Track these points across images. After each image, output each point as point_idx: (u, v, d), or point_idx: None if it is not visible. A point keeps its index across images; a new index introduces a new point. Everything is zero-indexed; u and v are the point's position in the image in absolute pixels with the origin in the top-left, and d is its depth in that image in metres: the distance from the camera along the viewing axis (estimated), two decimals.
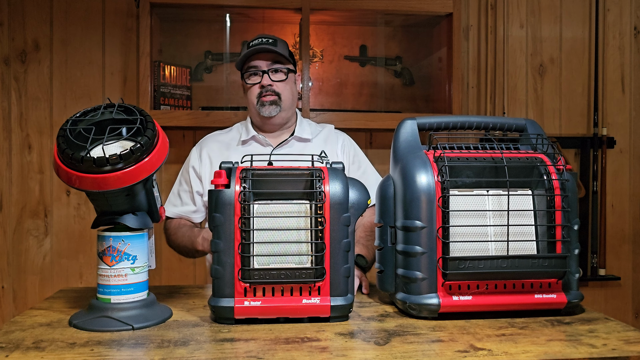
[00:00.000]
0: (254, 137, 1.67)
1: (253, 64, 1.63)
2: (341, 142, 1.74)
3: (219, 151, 1.67)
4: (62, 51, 2.33)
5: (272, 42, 1.62)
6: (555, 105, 2.61)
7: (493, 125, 1.15)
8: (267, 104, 1.61)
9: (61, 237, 2.35)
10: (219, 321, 0.99)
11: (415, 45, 2.59)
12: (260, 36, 1.64)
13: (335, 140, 1.74)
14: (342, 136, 1.77)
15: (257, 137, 1.67)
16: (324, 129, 1.77)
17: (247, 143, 1.68)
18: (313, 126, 1.77)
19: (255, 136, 1.67)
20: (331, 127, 1.79)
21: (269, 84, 1.61)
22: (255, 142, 1.68)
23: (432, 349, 0.84)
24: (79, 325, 0.95)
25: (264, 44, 1.61)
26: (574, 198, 1.04)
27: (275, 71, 1.63)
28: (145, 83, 2.19)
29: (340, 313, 0.99)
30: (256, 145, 1.68)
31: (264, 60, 1.62)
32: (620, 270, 2.65)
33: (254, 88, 1.63)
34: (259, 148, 1.67)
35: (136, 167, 0.91)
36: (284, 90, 1.63)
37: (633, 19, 2.65)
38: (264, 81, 1.61)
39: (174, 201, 1.68)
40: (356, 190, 1.03)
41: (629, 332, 0.93)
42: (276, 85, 1.62)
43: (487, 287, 1.01)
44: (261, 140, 1.67)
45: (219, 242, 0.97)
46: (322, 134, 1.74)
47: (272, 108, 1.62)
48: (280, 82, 1.63)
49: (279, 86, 1.63)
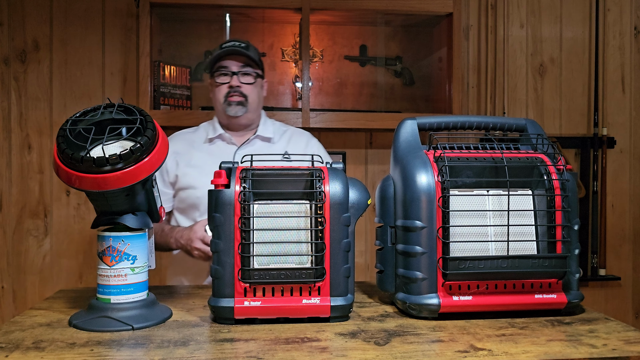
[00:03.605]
0: (221, 135, 1.74)
1: (224, 64, 1.70)
2: (305, 142, 1.80)
3: (184, 149, 1.73)
4: (61, 51, 2.33)
5: (245, 46, 1.70)
6: (555, 105, 2.61)
7: (493, 125, 1.15)
8: (233, 103, 1.68)
9: (61, 237, 2.35)
10: (219, 321, 0.98)
11: (415, 45, 2.59)
12: (234, 39, 1.71)
13: (300, 140, 1.80)
14: (306, 136, 1.83)
15: (223, 136, 1.74)
16: (288, 129, 1.84)
17: (213, 141, 1.74)
18: (277, 126, 1.83)
19: (222, 134, 1.74)
20: (297, 129, 1.86)
21: (237, 85, 1.68)
22: (221, 141, 1.75)
23: (432, 349, 0.84)
24: (79, 325, 0.95)
25: (236, 46, 1.68)
26: (574, 198, 1.04)
27: (245, 74, 1.70)
28: (145, 83, 2.19)
29: (340, 313, 0.98)
30: (221, 144, 1.74)
31: (235, 61, 1.70)
32: (621, 270, 2.65)
33: (222, 87, 1.70)
34: (223, 146, 1.73)
35: (136, 167, 0.91)
36: (251, 93, 1.70)
37: (633, 19, 2.65)
38: (232, 82, 1.68)
39: None
40: (356, 190, 1.03)
41: (629, 332, 0.93)
42: (244, 87, 1.69)
43: (487, 287, 1.01)
44: (227, 138, 1.74)
45: (219, 242, 0.97)
46: (286, 134, 1.81)
47: (239, 108, 1.69)
48: (248, 84, 1.70)
49: (247, 88, 1.70)
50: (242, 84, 1.69)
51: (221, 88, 1.70)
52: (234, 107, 1.68)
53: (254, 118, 1.75)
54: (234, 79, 1.68)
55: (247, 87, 1.69)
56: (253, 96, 1.71)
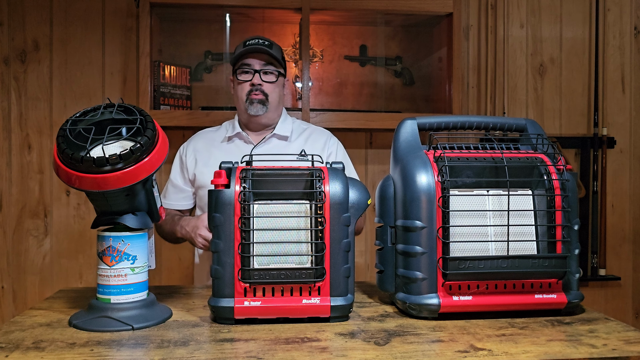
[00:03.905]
0: (239, 134, 1.73)
1: (246, 62, 1.68)
2: (324, 140, 1.78)
3: (204, 147, 1.74)
4: (61, 51, 2.33)
5: (268, 44, 1.68)
6: (555, 105, 2.61)
7: (493, 125, 1.15)
8: (255, 101, 1.67)
9: (61, 237, 2.34)
10: (219, 321, 0.98)
11: (415, 45, 2.59)
12: (258, 37, 1.69)
13: (319, 139, 1.78)
14: (326, 135, 1.80)
15: (241, 134, 1.73)
16: (308, 127, 1.82)
17: (231, 140, 1.74)
18: (297, 124, 1.81)
19: (239, 133, 1.73)
20: (318, 128, 1.83)
21: (259, 83, 1.67)
22: (239, 139, 1.74)
23: (432, 349, 0.84)
24: (79, 325, 0.95)
25: (260, 44, 1.66)
26: (574, 198, 1.04)
27: (267, 72, 1.68)
28: (145, 83, 2.19)
29: (340, 313, 0.98)
30: (239, 143, 1.73)
31: (258, 60, 1.68)
32: (621, 270, 2.65)
33: (244, 85, 1.68)
34: (241, 145, 1.73)
35: (136, 167, 0.91)
36: (272, 92, 1.69)
37: (633, 19, 2.65)
38: (254, 80, 1.67)
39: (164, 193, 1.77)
40: (356, 190, 1.03)
41: (629, 332, 0.93)
42: (265, 86, 1.67)
43: (487, 287, 1.01)
44: (244, 137, 1.73)
45: (219, 242, 0.97)
46: (305, 132, 1.79)
47: (260, 107, 1.67)
48: (269, 83, 1.68)
49: (268, 87, 1.68)
50: (264, 82, 1.67)
51: (243, 86, 1.68)
52: (256, 105, 1.67)
53: (274, 117, 1.74)
54: (256, 77, 1.66)
55: (269, 86, 1.68)
56: (274, 95, 1.69)
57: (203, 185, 1.68)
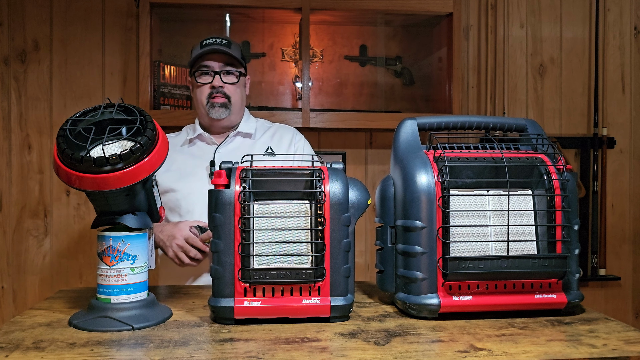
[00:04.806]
0: (200, 135, 1.69)
1: (205, 64, 1.64)
2: (290, 137, 1.74)
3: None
4: (61, 51, 2.33)
5: (226, 43, 1.63)
6: (555, 105, 2.61)
7: (493, 125, 1.15)
8: (217, 105, 1.63)
9: (61, 237, 2.34)
10: (218, 321, 0.98)
11: (415, 45, 2.59)
12: (215, 36, 1.64)
13: (284, 135, 1.74)
14: (292, 132, 1.77)
15: (202, 136, 1.69)
16: (273, 125, 1.79)
17: (193, 142, 1.70)
18: (261, 123, 1.78)
19: (201, 134, 1.69)
20: (283, 125, 1.80)
21: (220, 85, 1.63)
22: (200, 141, 1.70)
23: (432, 349, 0.84)
24: (79, 325, 0.95)
25: (217, 44, 1.62)
26: (574, 198, 1.04)
27: (227, 73, 1.64)
28: (145, 83, 2.19)
29: (340, 313, 0.98)
30: (201, 144, 1.70)
31: (217, 61, 1.64)
32: (621, 270, 2.65)
33: (204, 88, 1.64)
34: (203, 146, 1.69)
35: (136, 167, 0.91)
36: (234, 93, 1.65)
37: (633, 19, 2.65)
38: (215, 82, 1.63)
39: None
40: (356, 190, 1.03)
41: (629, 332, 0.93)
42: (227, 88, 1.64)
43: (487, 287, 1.01)
44: (207, 138, 1.69)
45: (219, 242, 0.97)
46: (270, 130, 1.76)
47: (222, 110, 1.63)
48: (231, 84, 1.64)
49: (230, 89, 1.64)
50: (225, 84, 1.63)
51: (203, 88, 1.64)
52: (218, 109, 1.62)
53: (237, 119, 1.70)
54: (216, 79, 1.62)
55: (230, 88, 1.64)
56: (236, 97, 1.65)
57: (166, 190, 1.64)
